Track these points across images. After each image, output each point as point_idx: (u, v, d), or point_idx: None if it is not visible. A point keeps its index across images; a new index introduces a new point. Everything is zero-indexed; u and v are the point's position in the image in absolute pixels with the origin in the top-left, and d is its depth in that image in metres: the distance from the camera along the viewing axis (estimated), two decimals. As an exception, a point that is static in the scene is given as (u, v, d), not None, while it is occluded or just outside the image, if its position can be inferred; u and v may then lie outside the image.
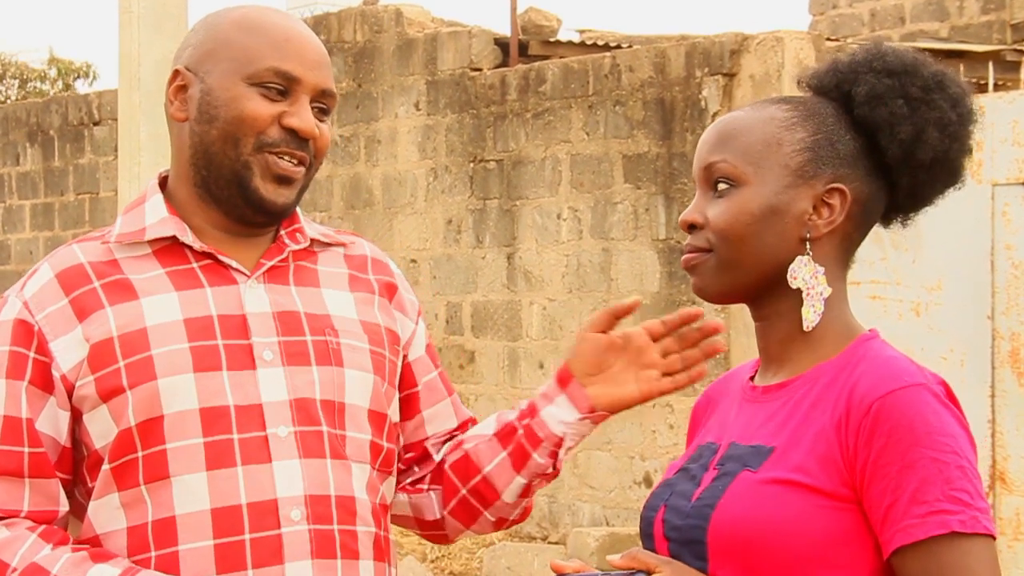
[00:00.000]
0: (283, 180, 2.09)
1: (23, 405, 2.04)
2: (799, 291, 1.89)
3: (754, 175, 1.88)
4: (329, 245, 2.21)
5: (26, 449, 2.04)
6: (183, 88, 2.13)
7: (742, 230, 1.87)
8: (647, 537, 1.93)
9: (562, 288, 8.78)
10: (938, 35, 12.55)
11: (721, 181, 1.90)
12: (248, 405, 2.04)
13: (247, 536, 2.01)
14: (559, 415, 2.20)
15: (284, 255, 2.14)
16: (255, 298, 2.09)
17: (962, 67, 8.67)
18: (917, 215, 2.01)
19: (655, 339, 2.14)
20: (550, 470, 2.22)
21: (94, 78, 25.07)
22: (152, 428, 2.01)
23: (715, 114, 7.93)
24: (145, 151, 6.79)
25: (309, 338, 2.10)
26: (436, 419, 2.29)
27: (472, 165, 9.30)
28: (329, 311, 2.13)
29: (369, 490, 2.11)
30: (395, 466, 2.20)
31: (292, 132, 2.08)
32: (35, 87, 24.54)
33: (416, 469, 2.29)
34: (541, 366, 8.81)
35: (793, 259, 1.89)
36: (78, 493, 2.09)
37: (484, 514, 2.26)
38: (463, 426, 2.32)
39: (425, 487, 2.28)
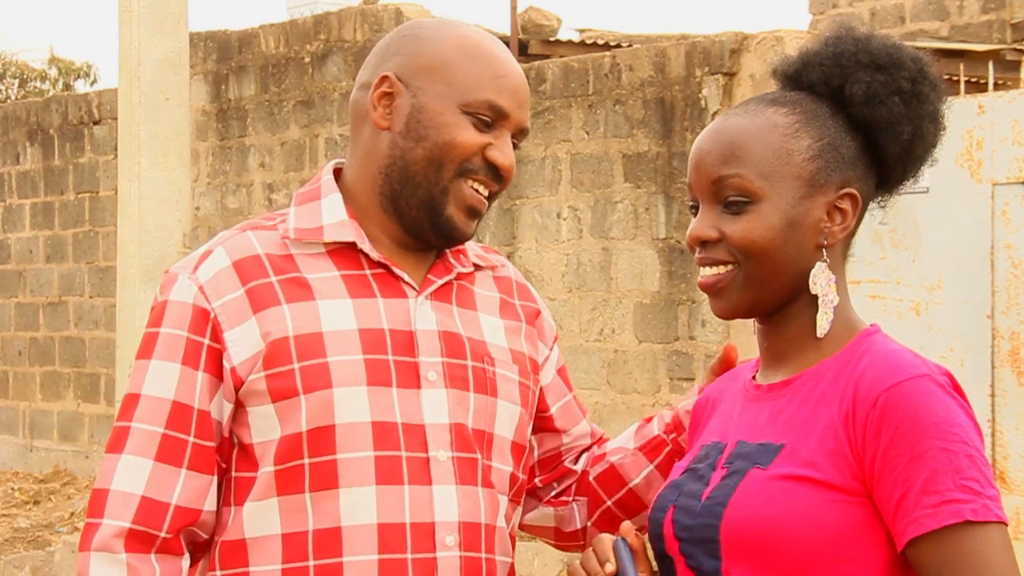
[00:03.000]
0: (474, 212, 2.10)
1: (197, 394, 2.03)
2: (808, 294, 1.90)
3: (770, 189, 1.88)
4: (482, 268, 2.23)
5: (191, 439, 2.02)
6: (389, 96, 2.10)
7: (766, 245, 1.88)
8: (656, 538, 1.93)
9: (562, 287, 8.78)
10: (938, 34, 12.54)
11: (736, 196, 1.89)
12: (413, 424, 2.03)
13: (409, 555, 2.00)
14: None
15: (452, 275, 2.14)
16: (423, 315, 2.08)
17: (962, 67, 8.67)
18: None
19: None
20: None
21: (95, 79, 25.08)
22: (323, 436, 2.00)
23: (715, 113, 7.93)
24: (145, 150, 6.79)
25: (470, 363, 2.10)
26: (573, 442, 2.32)
27: (472, 164, 9.29)
28: (485, 338, 2.14)
29: (507, 520, 2.13)
30: (523, 496, 2.22)
31: (492, 164, 2.08)
32: (35, 86, 24.54)
33: (556, 485, 2.32)
34: (541, 365, 8.80)
35: (808, 267, 1.90)
36: (220, 490, 2.07)
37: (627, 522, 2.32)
38: (595, 443, 2.35)
39: (569, 499, 2.32)
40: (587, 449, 2.34)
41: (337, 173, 2.18)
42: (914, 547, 1.76)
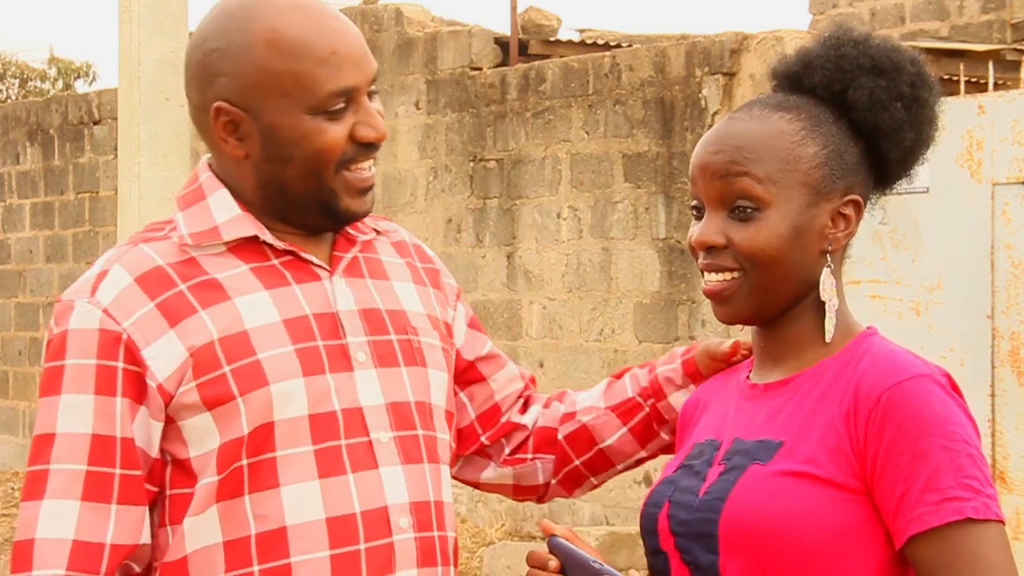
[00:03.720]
0: (366, 191, 2.02)
1: (118, 422, 1.90)
2: (808, 297, 1.91)
3: (777, 196, 1.88)
4: (379, 233, 2.15)
5: (118, 471, 1.91)
6: (233, 125, 1.97)
7: (774, 253, 1.88)
8: (650, 533, 1.93)
9: (562, 287, 8.78)
10: (938, 34, 12.54)
11: (743, 202, 1.89)
12: (351, 409, 1.97)
13: (362, 546, 1.94)
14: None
15: (358, 247, 2.08)
16: (342, 295, 2.02)
17: (962, 67, 8.67)
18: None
19: None
20: (672, 444, 2.26)
21: (94, 78, 25.10)
22: (262, 436, 1.91)
23: (715, 113, 7.93)
24: (145, 150, 6.79)
25: (394, 337, 2.04)
26: (504, 387, 2.28)
27: (472, 164, 9.30)
28: (404, 307, 2.09)
29: (449, 491, 2.09)
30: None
31: (365, 142, 1.98)
32: (35, 86, 24.56)
33: (505, 442, 2.28)
34: (541, 365, 8.81)
35: (812, 272, 1.90)
36: (155, 512, 1.96)
37: (591, 479, 2.30)
38: (528, 384, 2.32)
39: (528, 456, 2.28)
40: (524, 396, 2.31)
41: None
42: (914, 544, 1.77)
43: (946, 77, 8.47)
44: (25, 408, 12.36)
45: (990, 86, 8.37)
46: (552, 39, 9.93)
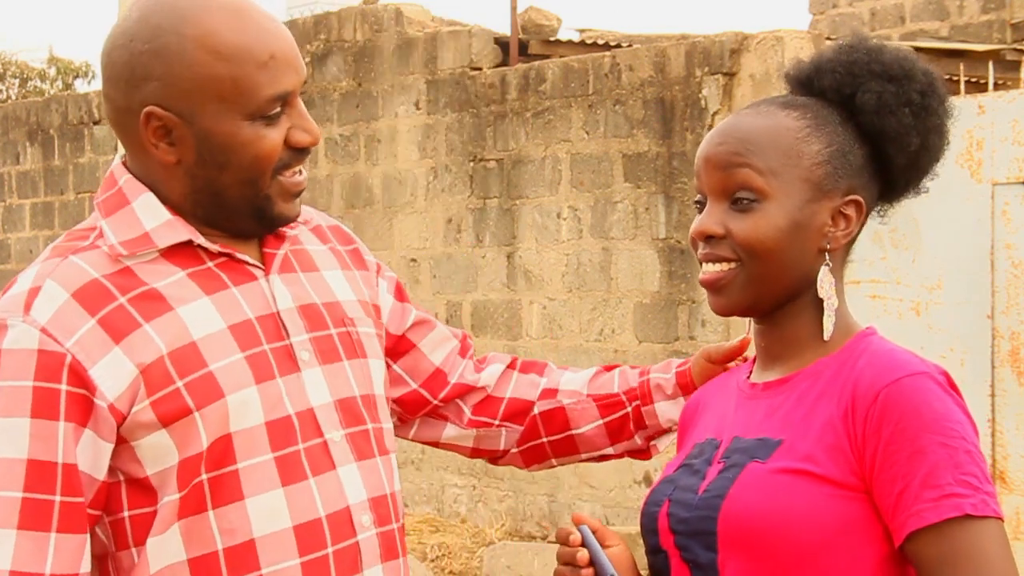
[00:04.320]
0: (298, 194, 1.99)
1: (60, 447, 1.81)
2: (807, 295, 1.92)
3: (778, 189, 1.90)
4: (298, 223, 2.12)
5: (58, 498, 1.81)
6: (165, 130, 1.90)
7: (772, 245, 1.89)
8: (650, 532, 1.95)
9: (562, 287, 8.78)
10: (938, 34, 12.55)
11: (744, 193, 1.90)
12: (303, 411, 1.95)
13: (330, 549, 1.93)
14: (671, 413, 2.25)
15: (288, 241, 2.04)
16: (280, 294, 1.99)
17: (962, 67, 8.67)
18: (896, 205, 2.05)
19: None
20: (644, 451, 2.29)
21: (93, 77, 25.12)
22: (220, 448, 1.87)
23: (715, 113, 7.93)
24: (145, 150, 6.80)
25: (334, 331, 2.02)
26: (436, 349, 2.27)
27: (472, 164, 9.30)
28: (338, 297, 2.07)
29: (398, 480, 2.08)
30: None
31: (299, 147, 1.95)
32: (35, 86, 24.57)
33: (462, 403, 2.28)
34: (541, 365, 8.80)
35: (810, 270, 1.91)
36: (101, 531, 1.90)
37: (551, 459, 2.32)
38: (464, 341, 2.32)
39: (496, 422, 2.28)
40: (480, 358, 2.31)
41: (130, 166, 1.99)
42: (913, 541, 1.77)
43: (946, 77, 8.47)
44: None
45: (990, 86, 8.37)
46: (552, 39, 9.92)
